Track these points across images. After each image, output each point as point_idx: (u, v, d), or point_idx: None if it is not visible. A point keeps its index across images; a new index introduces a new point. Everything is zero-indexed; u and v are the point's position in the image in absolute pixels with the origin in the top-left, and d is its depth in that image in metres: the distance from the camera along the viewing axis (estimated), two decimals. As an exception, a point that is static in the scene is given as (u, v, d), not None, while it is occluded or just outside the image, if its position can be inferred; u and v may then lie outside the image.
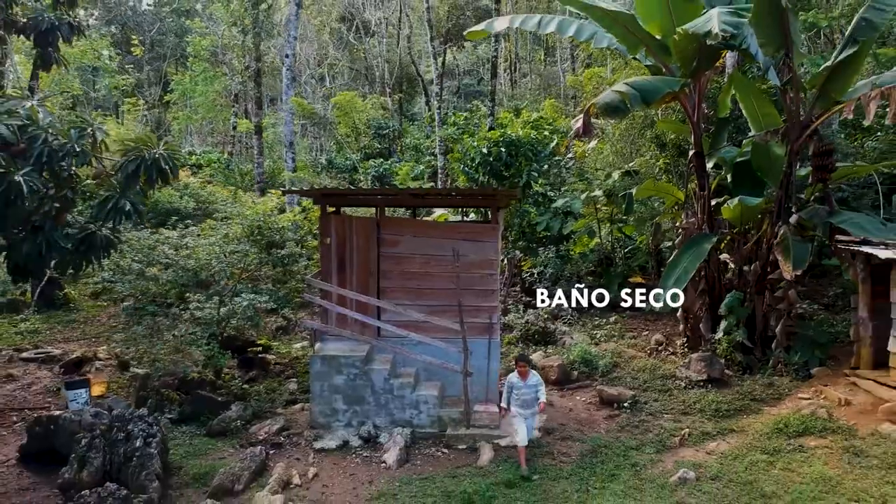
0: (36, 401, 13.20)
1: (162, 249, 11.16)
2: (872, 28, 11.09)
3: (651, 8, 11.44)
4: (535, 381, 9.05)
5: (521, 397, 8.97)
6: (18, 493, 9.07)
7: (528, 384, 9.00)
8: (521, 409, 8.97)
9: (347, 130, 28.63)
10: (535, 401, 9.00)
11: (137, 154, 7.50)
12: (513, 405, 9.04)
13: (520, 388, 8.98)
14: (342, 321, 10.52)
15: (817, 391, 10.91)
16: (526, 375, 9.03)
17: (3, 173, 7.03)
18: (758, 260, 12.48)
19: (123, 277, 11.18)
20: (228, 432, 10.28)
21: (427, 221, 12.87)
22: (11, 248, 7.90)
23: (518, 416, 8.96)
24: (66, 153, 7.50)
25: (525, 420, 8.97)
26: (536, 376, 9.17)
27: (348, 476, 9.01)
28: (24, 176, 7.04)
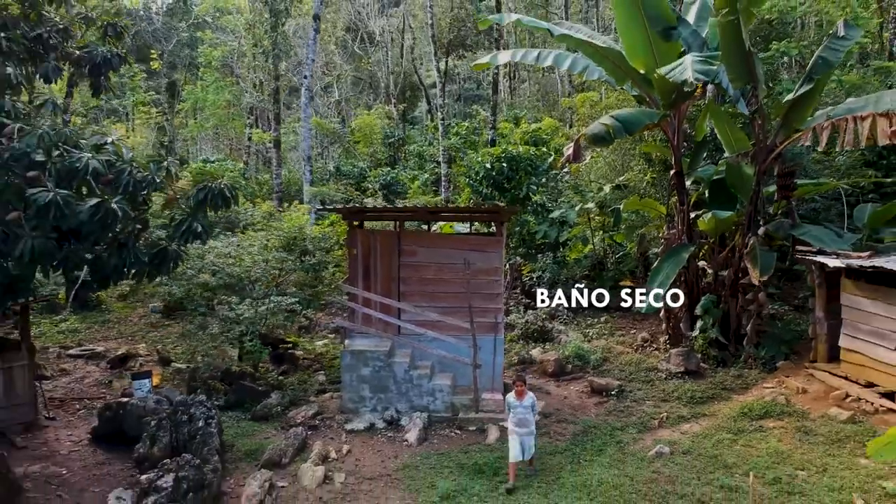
0: (91, 392, 14.69)
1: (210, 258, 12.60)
2: (827, 65, 12.59)
3: (636, 46, 12.92)
4: (529, 403, 9.36)
5: (517, 416, 9.25)
6: (97, 466, 10.56)
7: (524, 404, 9.30)
8: (516, 427, 9.23)
9: (367, 149, 30.25)
10: (531, 420, 9.29)
11: (206, 185, 8.97)
12: (510, 423, 9.36)
13: (516, 408, 9.31)
14: (367, 320, 12.02)
15: (780, 381, 12.39)
16: (523, 395, 9.34)
17: (101, 201, 8.53)
18: (731, 267, 13.98)
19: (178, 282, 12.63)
20: (270, 417, 11.77)
21: (441, 234, 14.37)
22: (98, 261, 9.39)
23: (514, 434, 9.23)
24: (147, 183, 8.99)
25: (520, 438, 9.20)
26: (532, 397, 9.48)
27: (376, 452, 10.51)
28: (116, 203, 8.54)
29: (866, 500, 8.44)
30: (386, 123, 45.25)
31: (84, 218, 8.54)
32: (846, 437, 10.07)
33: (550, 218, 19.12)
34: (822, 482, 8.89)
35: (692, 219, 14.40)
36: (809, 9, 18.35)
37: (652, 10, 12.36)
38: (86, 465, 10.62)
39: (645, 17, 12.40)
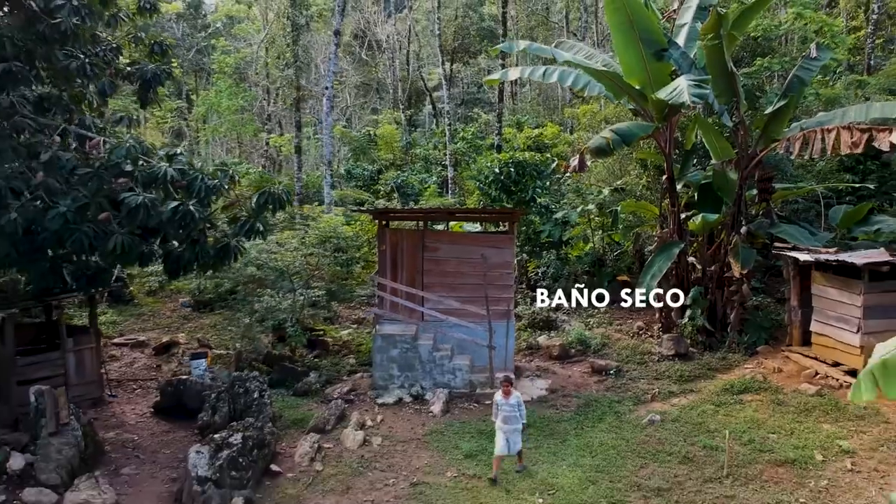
0: (141, 374, 16.15)
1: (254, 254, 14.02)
2: (801, 83, 14.06)
3: (631, 66, 14.34)
4: (515, 402, 9.65)
5: (503, 413, 9.61)
6: (162, 433, 12.03)
7: (509, 402, 9.62)
8: (502, 423, 9.60)
9: (388, 155, 31.90)
10: (516, 418, 9.57)
11: (266, 189, 10.43)
12: (497, 420, 9.73)
13: (502, 405, 9.65)
14: (395, 308, 13.48)
15: (759, 363, 13.84)
16: (509, 394, 9.67)
17: (180, 203, 9.99)
18: (717, 262, 15.43)
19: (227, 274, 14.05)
20: (309, 393, 13.22)
21: (459, 233, 15.81)
22: (171, 255, 10.85)
23: (500, 430, 9.62)
24: (216, 189, 10.45)
25: (505, 434, 9.56)
26: (518, 396, 9.79)
27: (406, 421, 11.95)
28: (193, 205, 10.01)
29: (825, 455, 9.92)
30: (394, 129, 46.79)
31: (165, 218, 10.04)
32: (813, 408, 11.54)
33: (554, 218, 20.53)
34: (789, 442, 10.35)
35: (682, 219, 15.84)
36: (792, 27, 19.77)
37: (645, 34, 13.79)
38: (153, 432, 12.10)
39: (639, 40, 13.83)
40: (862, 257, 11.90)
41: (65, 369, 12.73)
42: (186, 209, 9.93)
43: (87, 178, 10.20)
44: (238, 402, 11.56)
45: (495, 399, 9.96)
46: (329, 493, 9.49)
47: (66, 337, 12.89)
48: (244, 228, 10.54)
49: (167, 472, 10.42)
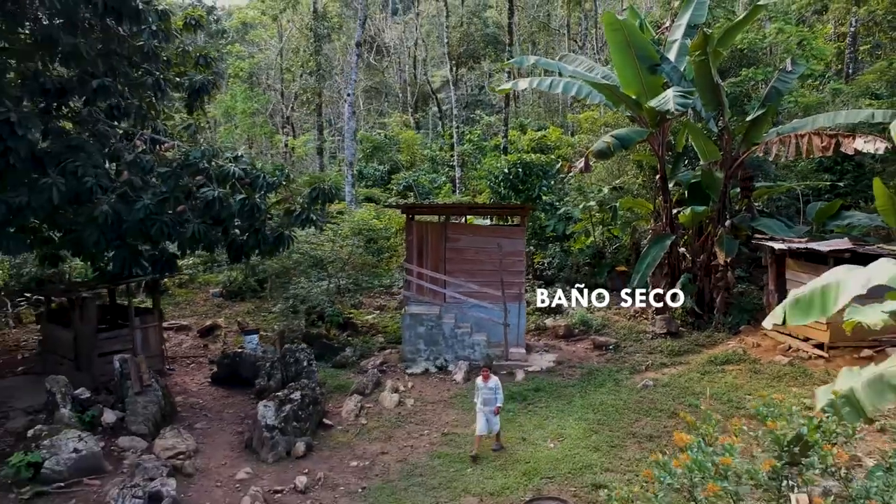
0: (191, 352, 17.80)
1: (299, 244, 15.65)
2: (778, 94, 15.72)
3: (628, 78, 15.98)
4: (493, 385, 10.40)
5: (482, 396, 10.37)
6: (222, 398, 13.68)
7: (488, 386, 10.39)
8: (482, 405, 10.35)
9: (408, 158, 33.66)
10: (494, 401, 10.30)
11: (317, 185, 12.12)
12: (477, 401, 10.50)
13: (481, 389, 10.42)
14: (421, 291, 15.15)
15: (741, 339, 15.48)
16: (487, 379, 10.46)
17: (247, 197, 11.68)
18: (705, 252, 17.07)
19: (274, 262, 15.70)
20: (347, 365, 14.88)
21: (478, 225, 17.45)
22: (235, 242, 12.53)
23: (480, 412, 10.37)
24: (274, 185, 12.14)
25: (485, 415, 10.30)
26: (496, 381, 10.52)
27: (433, 387, 13.62)
28: (258, 199, 11.69)
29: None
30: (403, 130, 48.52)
31: (235, 210, 11.74)
32: (784, 375, 13.19)
33: (558, 214, 22.21)
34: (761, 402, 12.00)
35: (674, 214, 17.49)
36: (775, 40, 21.39)
37: (640, 51, 15.43)
38: (214, 397, 13.77)
39: (635, 57, 15.46)
40: (827, 246, 13.55)
41: (133, 344, 14.41)
42: (253, 202, 11.65)
43: (166, 175, 11.91)
44: (289, 370, 13.21)
45: (476, 383, 10.65)
46: (375, 440, 11.16)
47: (133, 316, 14.57)
48: (299, 219, 12.24)
49: (233, 426, 12.08)
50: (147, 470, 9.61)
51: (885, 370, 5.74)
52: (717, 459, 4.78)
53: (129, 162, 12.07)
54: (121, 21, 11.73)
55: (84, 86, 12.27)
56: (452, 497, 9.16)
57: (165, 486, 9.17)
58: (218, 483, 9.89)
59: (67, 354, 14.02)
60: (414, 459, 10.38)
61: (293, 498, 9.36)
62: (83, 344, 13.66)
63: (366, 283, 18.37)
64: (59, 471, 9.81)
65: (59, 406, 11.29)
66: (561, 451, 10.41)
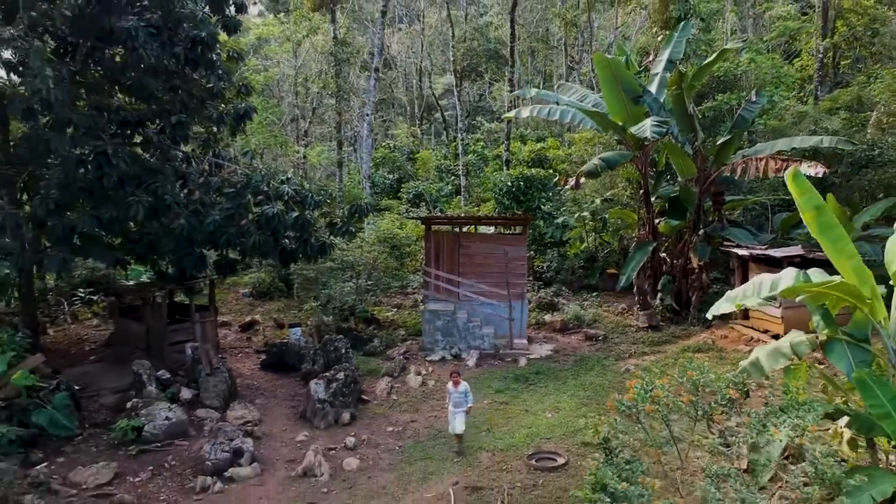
0: (236, 344, 20.01)
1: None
2: (744, 121, 17.96)
3: (615, 107, 18.19)
4: (463, 389, 11.19)
5: (453, 399, 11.17)
6: (272, 381, 15.88)
7: (458, 391, 11.15)
8: (453, 407, 11.14)
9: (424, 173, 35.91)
10: (464, 403, 11.13)
11: (356, 203, 14.36)
12: (449, 404, 11.32)
13: (452, 393, 11.21)
14: (438, 290, 17.39)
15: (712, 332, 17.70)
16: (458, 384, 11.19)
17: (300, 214, 13.93)
18: (682, 257, 19.30)
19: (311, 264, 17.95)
20: (375, 353, 17.10)
21: (487, 234, 19.69)
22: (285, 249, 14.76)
23: (452, 413, 11.16)
24: (320, 203, 14.38)
25: (455, 416, 11.08)
26: (465, 385, 11.31)
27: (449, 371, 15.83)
28: (308, 215, 13.94)
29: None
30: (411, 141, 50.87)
31: (289, 224, 13.99)
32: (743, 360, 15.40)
33: (555, 223, 24.45)
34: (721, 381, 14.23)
35: (656, 223, 19.73)
36: (748, 68, 23.63)
37: (625, 84, 17.66)
38: (266, 380, 15.99)
39: (621, 89, 17.70)
40: (781, 252, 15.79)
41: (194, 335, 16.64)
42: (304, 218, 13.90)
43: (231, 195, 14.17)
44: (330, 357, 15.43)
45: (448, 388, 11.47)
46: (405, 412, 13.39)
47: (194, 312, 16.81)
48: (340, 230, 14.50)
49: (286, 402, 14.31)
50: (226, 433, 11.84)
51: (779, 344, 7.99)
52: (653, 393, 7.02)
53: (200, 183, 14.33)
54: (196, 69, 13.97)
55: (162, 119, 14.52)
56: (471, 452, 11.36)
57: (244, 443, 11.42)
58: (282, 443, 12.13)
59: (140, 345, 16.22)
60: (438, 426, 12.60)
61: (344, 453, 11.58)
62: (155, 335, 15.89)
63: (386, 284, 20.61)
64: (156, 433, 12.04)
65: (145, 385, 13.51)
66: (556, 419, 12.63)
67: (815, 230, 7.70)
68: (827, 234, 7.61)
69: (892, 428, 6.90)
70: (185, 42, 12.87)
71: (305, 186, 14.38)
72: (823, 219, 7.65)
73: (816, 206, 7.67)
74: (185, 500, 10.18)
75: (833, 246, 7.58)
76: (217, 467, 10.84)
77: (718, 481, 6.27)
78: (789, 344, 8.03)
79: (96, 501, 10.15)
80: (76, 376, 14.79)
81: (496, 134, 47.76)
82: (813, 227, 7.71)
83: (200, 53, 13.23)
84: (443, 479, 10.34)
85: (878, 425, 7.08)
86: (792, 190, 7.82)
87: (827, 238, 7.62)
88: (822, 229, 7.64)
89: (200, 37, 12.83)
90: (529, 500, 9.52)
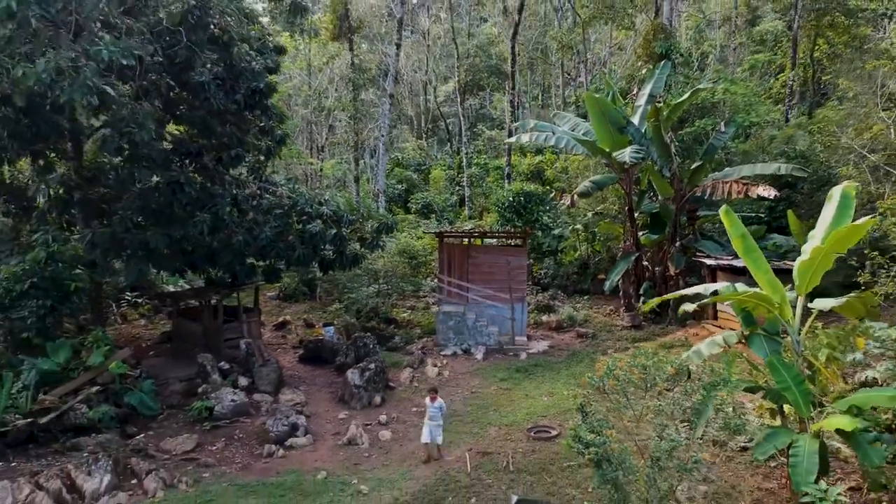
0: (273, 341, 22.44)
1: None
2: (714, 149, 20.42)
3: (602, 136, 20.61)
4: (438, 405, 11.90)
5: (429, 413, 11.92)
6: (311, 371, 18.32)
7: (433, 406, 11.87)
8: (429, 420, 11.85)
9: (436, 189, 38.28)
10: (439, 416, 11.86)
11: (384, 221, 16.82)
12: (426, 418, 12.04)
13: (429, 407, 11.96)
14: (450, 294, 19.85)
15: (686, 331, 20.12)
16: (434, 400, 11.93)
17: (338, 231, 16.41)
18: (661, 265, 21.75)
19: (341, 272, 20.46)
20: (396, 348, 19.52)
21: (492, 246, 22.18)
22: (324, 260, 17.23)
23: (426, 424, 11.92)
24: (354, 221, 16.85)
25: (430, 427, 11.78)
26: (440, 402, 12.07)
27: (461, 364, 18.26)
28: (344, 231, 16.41)
29: (708, 376, 16.25)
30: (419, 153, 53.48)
31: (329, 239, 16.46)
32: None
33: (552, 234, 26.92)
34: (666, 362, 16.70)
35: (639, 236, 22.19)
36: (724, 96, 26.08)
37: (611, 117, 20.09)
38: (305, 371, 18.41)
39: (608, 121, 20.16)
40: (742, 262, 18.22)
41: (242, 333, 19.09)
42: (341, 234, 16.38)
43: (280, 215, 16.63)
44: (360, 351, 17.86)
45: (426, 402, 12.33)
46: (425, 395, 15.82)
47: (242, 312, 19.28)
48: (370, 244, 16.97)
49: (325, 388, 16.75)
50: (282, 411, 14.30)
51: (717, 337, 10.45)
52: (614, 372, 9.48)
53: (253, 205, 16.81)
54: (253, 111, 16.44)
55: (220, 150, 16.97)
56: (481, 427, 13.80)
57: (298, 419, 13.88)
58: (327, 420, 14.58)
59: (197, 341, 18.68)
60: (454, 407, 15.03)
61: (378, 428, 14.01)
62: (211, 333, 18.35)
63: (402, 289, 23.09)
64: (224, 413, 14.49)
65: (209, 374, 15.95)
66: (551, 401, 15.06)
67: (741, 252, 10.14)
68: (749, 255, 10.06)
69: (792, 397, 9.34)
70: (246, 91, 15.32)
71: (341, 207, 16.81)
72: (747, 243, 10.10)
73: (741, 234, 10.12)
74: (255, 463, 12.62)
75: (754, 264, 10.03)
76: (279, 437, 13.31)
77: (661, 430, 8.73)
78: (722, 337, 10.49)
79: (186, 463, 12.59)
80: (145, 368, 17.25)
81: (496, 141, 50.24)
82: (739, 250, 10.16)
83: (257, 101, 15.69)
84: (459, 447, 12.76)
85: (783, 396, 9.53)
86: (724, 222, 10.27)
87: (749, 258, 10.06)
88: (745, 252, 10.09)
89: (259, 87, 15.28)
90: (529, 462, 11.93)
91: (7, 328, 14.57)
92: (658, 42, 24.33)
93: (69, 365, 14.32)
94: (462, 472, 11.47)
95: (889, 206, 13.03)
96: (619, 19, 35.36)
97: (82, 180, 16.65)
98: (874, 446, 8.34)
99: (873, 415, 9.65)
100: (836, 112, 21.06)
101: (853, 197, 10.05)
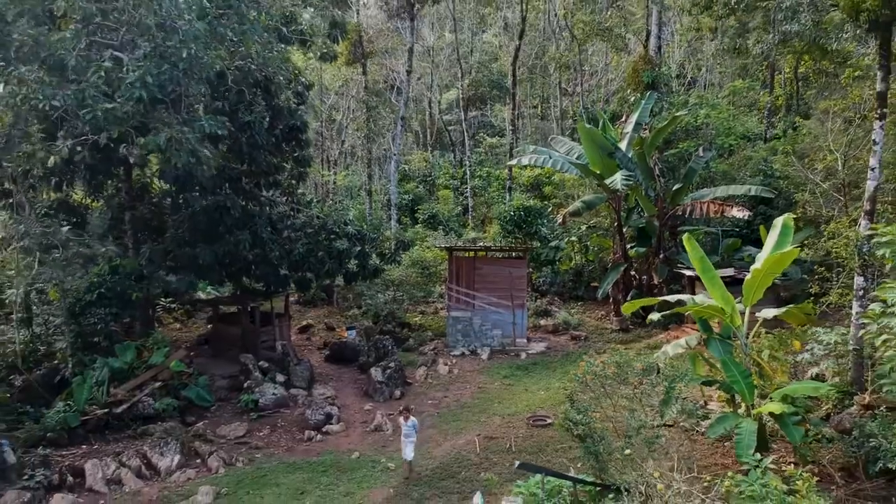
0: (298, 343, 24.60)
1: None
2: (693, 172, 22.56)
3: (594, 160, 22.71)
4: (412, 423, 12.38)
5: (404, 431, 12.42)
6: (337, 369, 20.44)
7: (407, 425, 12.37)
8: (404, 438, 12.36)
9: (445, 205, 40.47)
10: (413, 434, 12.32)
11: (401, 239, 18.98)
12: (402, 436, 12.50)
13: (404, 426, 12.46)
14: (458, 301, 22.02)
15: (668, 334, 22.22)
16: (408, 419, 12.42)
17: (361, 248, 18.58)
18: (647, 275, 23.88)
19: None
20: (410, 349, 21.64)
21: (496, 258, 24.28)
22: (349, 272, 19.39)
23: (403, 443, 12.42)
24: (375, 239, 19.02)
25: (406, 446, 12.31)
26: (414, 420, 12.51)
27: (468, 363, 20.38)
28: (367, 248, 18.58)
29: (684, 374, 18.39)
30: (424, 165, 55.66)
31: (354, 255, 18.62)
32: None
33: (550, 245, 29.08)
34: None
35: (627, 248, 24.32)
36: (708, 119, 28.23)
37: (600, 143, 22.17)
38: (331, 369, 20.52)
39: (598, 147, 22.32)
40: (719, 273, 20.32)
41: (275, 336, 21.25)
42: (364, 251, 18.53)
43: (311, 233, 18.80)
44: (379, 352, 19.97)
45: (399, 421, 12.87)
46: (438, 391, 17.94)
47: (274, 317, 21.43)
48: (389, 259, 19.14)
49: (351, 384, 18.87)
50: (318, 403, 16.45)
51: (683, 340, 12.61)
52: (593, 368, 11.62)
53: (287, 225, 18.98)
54: (289, 143, 18.60)
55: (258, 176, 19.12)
56: (487, 417, 15.91)
57: (332, 410, 16.02)
58: (355, 411, 16.72)
59: (235, 343, 20.80)
60: (463, 400, 17.17)
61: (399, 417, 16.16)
62: (249, 335, 20.51)
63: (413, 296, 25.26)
64: (267, 405, 16.62)
65: (251, 371, 18.09)
66: (548, 395, 17.20)
67: (699, 272, 12.28)
68: (706, 274, 12.21)
69: (739, 388, 11.47)
70: (285, 128, 17.48)
71: (364, 227, 18.94)
72: (704, 265, 12.25)
73: (700, 257, 12.27)
74: (298, 446, 14.76)
75: (710, 282, 12.18)
76: (316, 425, 15.45)
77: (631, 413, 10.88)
78: (685, 340, 12.65)
79: (239, 446, 14.72)
80: (195, 366, 19.38)
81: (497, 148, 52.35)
82: (698, 269, 12.31)
83: (295, 136, 17.86)
84: (469, 433, 14.87)
85: (732, 387, 11.68)
86: (686, 246, 12.43)
87: (706, 277, 12.21)
88: (703, 271, 12.23)
89: (296, 125, 17.46)
90: (528, 444, 14.04)
91: (78, 332, 16.68)
92: (646, 72, 26.48)
93: (134, 364, 16.43)
94: (472, 453, 13.59)
95: (832, 230, 15.15)
96: (613, 40, 37.47)
97: (133, 200, 18.80)
98: (797, 426, 10.48)
99: (806, 403, 11.82)
100: (804, 137, 23.01)
101: (791, 226, 12.22)
